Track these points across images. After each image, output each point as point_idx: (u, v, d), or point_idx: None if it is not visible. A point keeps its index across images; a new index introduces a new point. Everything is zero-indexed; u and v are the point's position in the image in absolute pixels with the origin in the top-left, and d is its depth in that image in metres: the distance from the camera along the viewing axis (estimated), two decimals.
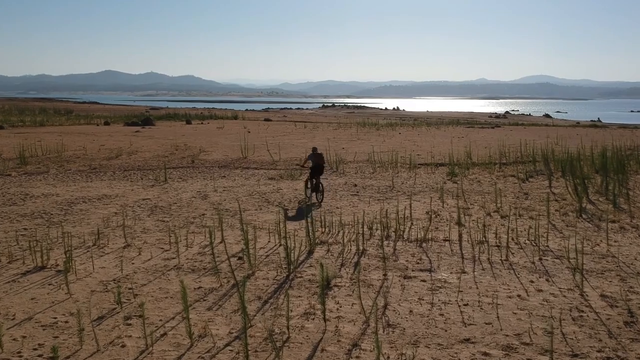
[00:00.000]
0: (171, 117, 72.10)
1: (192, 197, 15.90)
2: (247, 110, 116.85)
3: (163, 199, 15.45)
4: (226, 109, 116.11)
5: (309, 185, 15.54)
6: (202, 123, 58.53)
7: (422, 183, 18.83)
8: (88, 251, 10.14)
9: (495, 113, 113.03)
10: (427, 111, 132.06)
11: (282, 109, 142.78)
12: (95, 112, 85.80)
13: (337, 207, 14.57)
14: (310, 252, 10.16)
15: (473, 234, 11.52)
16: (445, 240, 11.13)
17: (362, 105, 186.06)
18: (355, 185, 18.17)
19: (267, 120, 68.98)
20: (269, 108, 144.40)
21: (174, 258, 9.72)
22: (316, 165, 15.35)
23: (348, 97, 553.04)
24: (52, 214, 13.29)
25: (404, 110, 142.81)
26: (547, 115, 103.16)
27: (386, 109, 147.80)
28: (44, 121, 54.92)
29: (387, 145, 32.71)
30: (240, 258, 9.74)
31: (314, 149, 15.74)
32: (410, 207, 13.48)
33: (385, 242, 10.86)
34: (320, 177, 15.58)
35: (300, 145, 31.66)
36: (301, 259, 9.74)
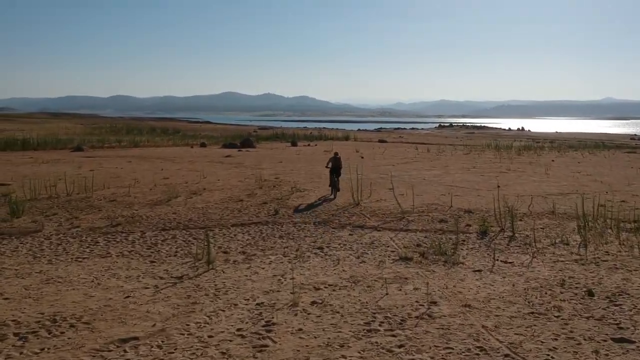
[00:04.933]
0: (278, 137, 67.49)
1: (237, 333, 6.95)
2: (359, 130, 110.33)
3: (171, 343, 6.73)
4: (337, 129, 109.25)
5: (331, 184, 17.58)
6: (309, 145, 52.05)
7: None
8: None
9: (637, 135, 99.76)
10: (556, 132, 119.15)
11: (395, 129, 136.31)
12: (203, 132, 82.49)
13: None
14: None
15: None
16: None
17: (481, 125, 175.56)
18: (590, 294, 8.34)
19: (381, 141, 60.44)
20: (381, 128, 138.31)
21: None
22: (335, 167, 17.54)
23: (463, 116, 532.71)
24: None
25: (529, 130, 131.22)
26: None
27: (509, 129, 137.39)
28: (139, 142, 50.44)
29: (554, 180, 22.83)
30: None
31: (336, 153, 18.02)
32: None
33: None
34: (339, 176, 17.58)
35: (435, 181, 22.19)
36: None
